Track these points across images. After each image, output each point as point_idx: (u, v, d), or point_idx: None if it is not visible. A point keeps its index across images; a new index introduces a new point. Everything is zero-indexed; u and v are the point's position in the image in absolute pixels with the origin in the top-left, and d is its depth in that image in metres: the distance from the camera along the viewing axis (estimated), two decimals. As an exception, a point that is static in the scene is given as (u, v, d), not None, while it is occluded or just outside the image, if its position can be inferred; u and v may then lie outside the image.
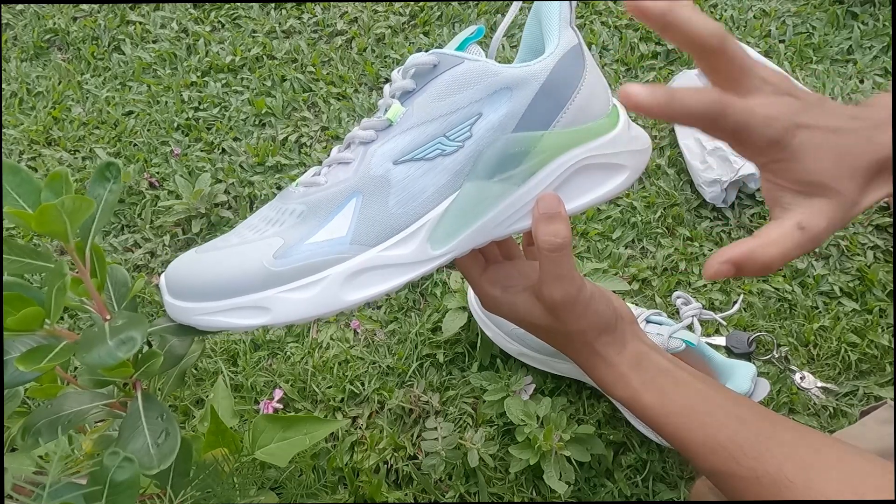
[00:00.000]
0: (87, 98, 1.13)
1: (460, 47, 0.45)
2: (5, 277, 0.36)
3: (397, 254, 0.44)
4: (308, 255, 0.43)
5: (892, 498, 0.40)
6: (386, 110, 0.45)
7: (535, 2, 0.47)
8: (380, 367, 0.86)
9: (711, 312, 0.74)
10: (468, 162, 0.44)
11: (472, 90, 0.43)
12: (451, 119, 0.44)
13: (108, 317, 0.41)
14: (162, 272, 0.46)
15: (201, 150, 1.06)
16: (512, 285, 0.51)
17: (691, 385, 0.49)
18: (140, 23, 1.21)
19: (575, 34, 0.45)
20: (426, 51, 0.46)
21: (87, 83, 1.15)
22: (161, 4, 1.23)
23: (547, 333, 0.52)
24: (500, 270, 0.52)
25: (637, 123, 0.51)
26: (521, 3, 0.46)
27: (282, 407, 0.82)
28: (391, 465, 0.80)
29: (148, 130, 1.08)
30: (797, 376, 0.83)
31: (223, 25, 1.20)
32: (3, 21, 1.23)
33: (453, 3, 1.18)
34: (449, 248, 0.46)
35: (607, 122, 0.47)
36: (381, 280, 0.44)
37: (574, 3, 0.45)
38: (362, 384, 0.85)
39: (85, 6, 1.24)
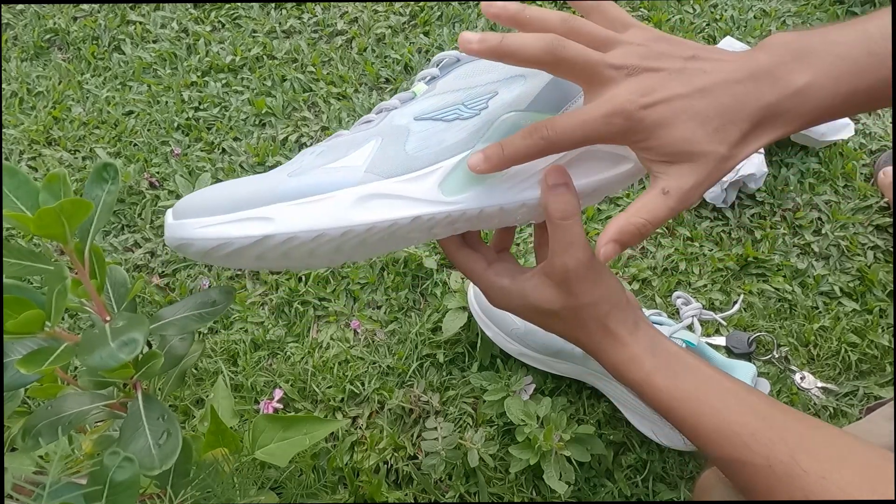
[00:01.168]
0: (87, 98, 1.13)
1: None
2: (5, 280, 0.36)
3: (409, 187, 0.45)
4: (321, 176, 0.44)
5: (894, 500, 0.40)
6: (411, 88, 0.50)
7: None
8: (380, 367, 0.86)
9: (711, 312, 0.74)
10: (483, 127, 0.47)
11: (490, 74, 0.47)
12: (470, 92, 0.47)
13: (107, 318, 0.41)
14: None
15: (201, 150, 1.06)
16: (520, 275, 0.51)
17: (704, 371, 0.48)
18: (140, 23, 1.21)
19: None
20: (427, 51, 0.48)
21: (87, 83, 1.15)
22: (161, 4, 1.23)
23: (557, 318, 0.51)
24: (506, 263, 0.53)
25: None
26: None
27: (282, 407, 0.83)
28: (391, 465, 0.80)
29: (148, 130, 1.08)
30: (797, 376, 0.83)
31: (223, 25, 1.20)
32: (4, 21, 1.23)
33: (453, 2, 1.18)
34: (458, 199, 0.47)
35: None
36: (388, 208, 0.45)
37: None
38: (362, 384, 0.85)
39: (85, 6, 1.24)
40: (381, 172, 0.45)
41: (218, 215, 0.42)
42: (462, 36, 0.42)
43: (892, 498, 0.40)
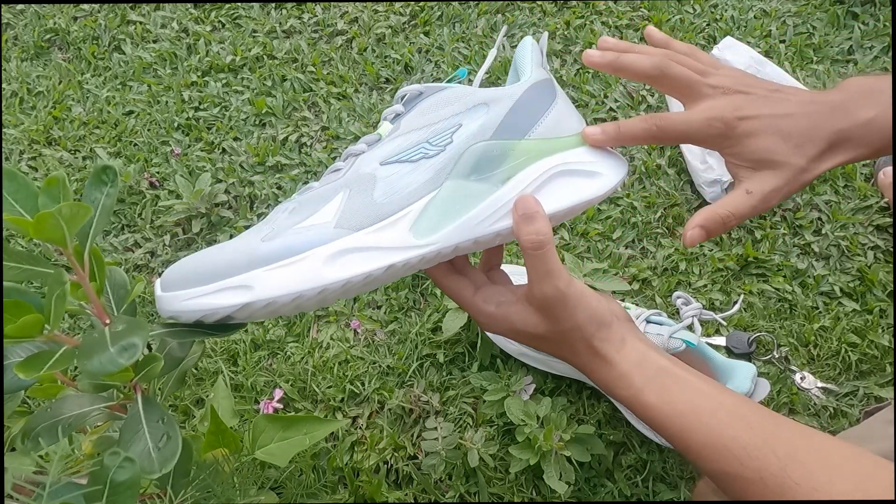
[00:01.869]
0: (87, 98, 1.13)
1: (447, 83, 0.51)
2: (4, 284, 0.36)
3: (379, 237, 0.46)
4: (293, 238, 0.45)
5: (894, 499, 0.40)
6: (377, 130, 0.50)
7: (517, 48, 0.54)
8: (380, 367, 0.86)
9: (711, 312, 0.74)
10: (449, 163, 0.48)
11: (453, 106, 0.49)
12: (434, 128, 0.48)
13: (107, 321, 0.41)
14: (162, 272, 0.47)
15: (201, 150, 1.06)
16: (505, 300, 0.52)
17: (693, 385, 0.48)
18: (140, 22, 1.21)
19: (546, 73, 0.52)
20: (427, 51, 0.48)
21: (87, 83, 1.15)
22: (161, 4, 1.23)
23: (545, 341, 0.52)
24: (491, 289, 0.53)
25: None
26: (495, 52, 0.53)
27: (282, 407, 0.83)
28: (391, 465, 0.80)
29: (148, 130, 1.08)
30: (797, 376, 0.83)
31: (223, 25, 1.20)
32: (4, 21, 1.23)
33: (453, 3, 1.18)
34: (432, 240, 0.48)
35: (577, 139, 0.52)
36: (362, 261, 0.46)
37: (542, 48, 0.52)
38: (362, 384, 0.85)
39: (85, 6, 1.24)
40: (350, 226, 0.46)
41: (201, 286, 0.44)
42: (586, 53, 0.51)
43: None
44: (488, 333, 0.82)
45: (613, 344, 0.50)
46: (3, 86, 1.15)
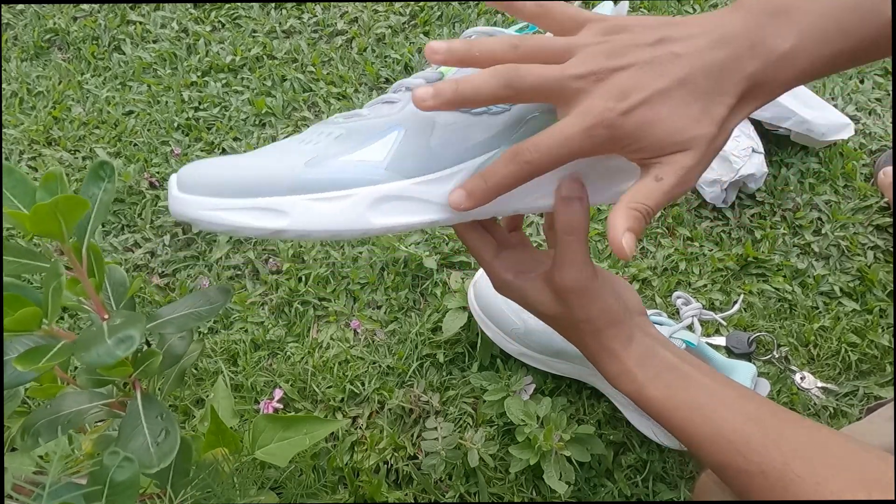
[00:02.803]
0: (87, 98, 1.13)
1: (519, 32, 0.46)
2: (3, 278, 0.36)
3: (429, 191, 0.43)
4: (340, 169, 0.42)
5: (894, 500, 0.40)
6: (437, 68, 0.45)
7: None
8: (380, 367, 0.86)
9: (711, 312, 0.74)
10: (511, 126, 0.44)
11: None
12: None
13: (106, 316, 0.41)
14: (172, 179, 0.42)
15: (201, 150, 1.06)
16: (524, 271, 0.51)
17: (698, 380, 0.48)
18: (140, 23, 1.21)
19: None
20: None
21: (87, 83, 1.15)
22: (161, 4, 1.23)
23: (554, 321, 0.51)
24: (512, 255, 0.52)
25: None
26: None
27: (282, 407, 0.82)
28: (391, 465, 0.80)
29: (148, 130, 1.08)
30: (797, 376, 0.82)
31: (223, 25, 1.20)
32: (4, 21, 1.23)
33: (453, 2, 1.18)
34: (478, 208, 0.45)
35: None
36: (407, 212, 0.43)
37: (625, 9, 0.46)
38: (362, 384, 0.85)
39: (85, 6, 1.25)
40: (402, 171, 0.42)
41: (227, 198, 0.40)
42: (413, 97, 0.41)
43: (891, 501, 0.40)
44: (488, 334, 0.82)
45: (621, 340, 0.50)
46: (3, 86, 1.15)
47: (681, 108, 0.39)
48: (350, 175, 0.41)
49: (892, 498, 0.40)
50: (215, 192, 0.40)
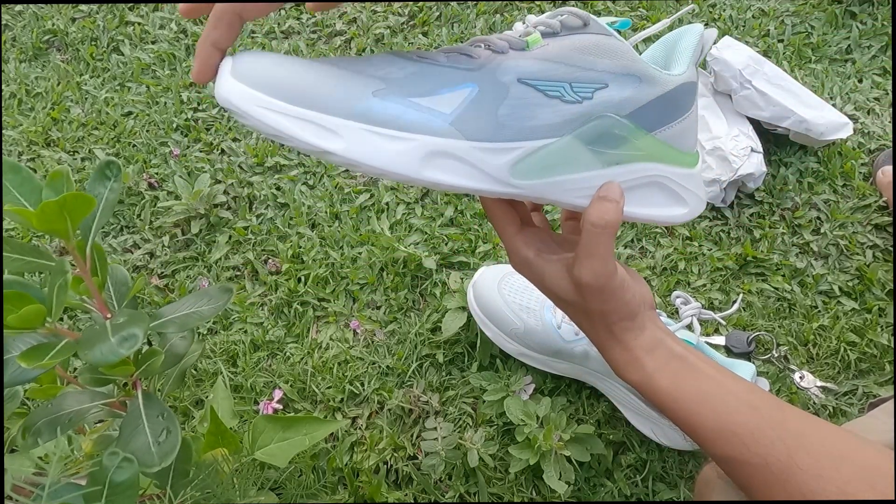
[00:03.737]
0: (85, 99, 1.13)
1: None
2: (5, 275, 0.36)
3: (484, 159, 0.43)
4: (407, 110, 0.41)
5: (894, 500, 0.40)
6: (522, 37, 0.44)
7: (678, 29, 0.50)
8: (379, 367, 0.86)
9: (711, 312, 0.74)
10: (580, 119, 0.44)
11: (609, 61, 0.44)
12: (581, 74, 0.44)
13: (108, 315, 0.41)
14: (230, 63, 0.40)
15: (200, 151, 1.06)
16: (545, 251, 0.51)
17: (704, 371, 0.49)
18: (139, 23, 1.21)
19: (696, 72, 0.48)
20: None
21: (85, 84, 1.15)
22: (160, 5, 1.23)
23: (568, 306, 0.51)
24: (537, 234, 0.52)
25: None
26: (668, 22, 0.48)
27: (281, 407, 0.82)
28: (391, 466, 0.80)
29: (147, 131, 1.08)
30: (797, 375, 0.83)
31: (222, 26, 1.20)
32: (2, 22, 1.23)
33: (452, 3, 1.18)
34: (522, 185, 0.45)
35: (692, 158, 0.50)
36: (458, 174, 0.43)
37: (707, 46, 0.48)
38: (362, 384, 0.85)
39: (84, 7, 1.24)
40: (464, 130, 0.42)
41: (284, 102, 0.39)
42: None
43: (892, 497, 0.40)
44: (488, 334, 0.82)
45: (633, 331, 0.50)
46: (2, 87, 1.15)
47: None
48: (415, 119, 0.41)
49: (892, 491, 0.40)
50: (272, 91, 0.39)
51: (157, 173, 1.04)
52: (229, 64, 0.40)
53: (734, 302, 0.78)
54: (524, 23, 0.46)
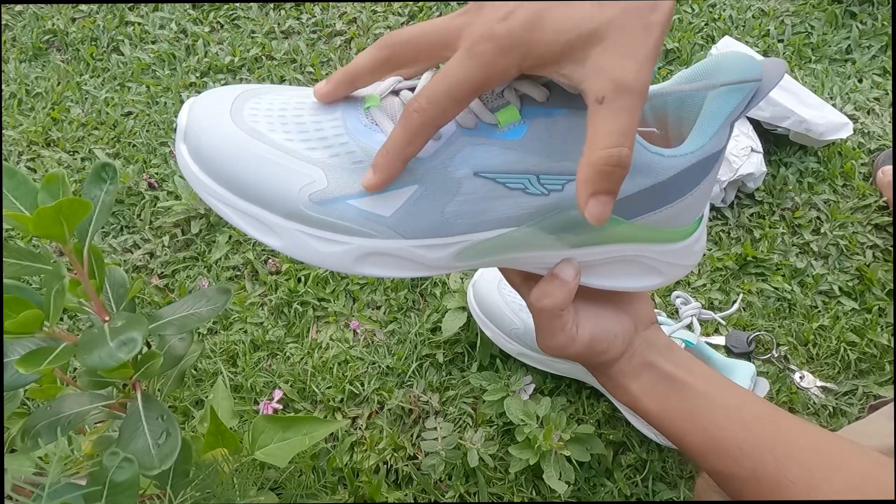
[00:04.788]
0: (86, 99, 1.13)
1: None
2: (4, 280, 0.36)
3: (425, 255, 0.41)
4: (343, 215, 0.39)
5: (894, 499, 0.40)
6: (500, 105, 0.38)
7: (726, 58, 0.40)
8: (379, 367, 0.86)
9: (711, 312, 0.74)
10: (543, 211, 0.40)
11: None
12: (553, 165, 0.38)
13: (106, 318, 0.41)
14: (190, 104, 0.40)
15: (200, 151, 1.06)
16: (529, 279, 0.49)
17: (694, 389, 0.48)
18: (139, 23, 1.21)
19: (728, 134, 0.40)
20: None
21: (85, 84, 1.15)
22: (160, 5, 1.23)
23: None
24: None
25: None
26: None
27: (281, 407, 0.82)
28: (391, 466, 0.80)
29: (147, 131, 1.08)
30: (796, 376, 0.83)
31: (222, 26, 1.20)
32: (3, 22, 1.23)
33: (452, 3, 1.18)
34: (472, 264, 0.43)
35: (683, 231, 0.45)
36: (396, 267, 0.41)
37: (768, 89, 0.39)
38: (362, 384, 0.85)
39: (84, 7, 1.24)
40: (404, 231, 0.40)
41: (231, 193, 0.39)
42: (315, 89, 0.39)
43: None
44: (488, 334, 0.82)
45: (617, 366, 0.49)
46: (2, 87, 1.15)
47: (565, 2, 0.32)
48: (351, 222, 0.39)
49: (886, 500, 0.40)
50: (222, 180, 0.39)
51: (157, 173, 1.04)
52: (182, 144, 0.40)
53: (734, 302, 0.78)
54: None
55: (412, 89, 0.40)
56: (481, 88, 0.34)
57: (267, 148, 0.39)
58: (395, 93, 0.41)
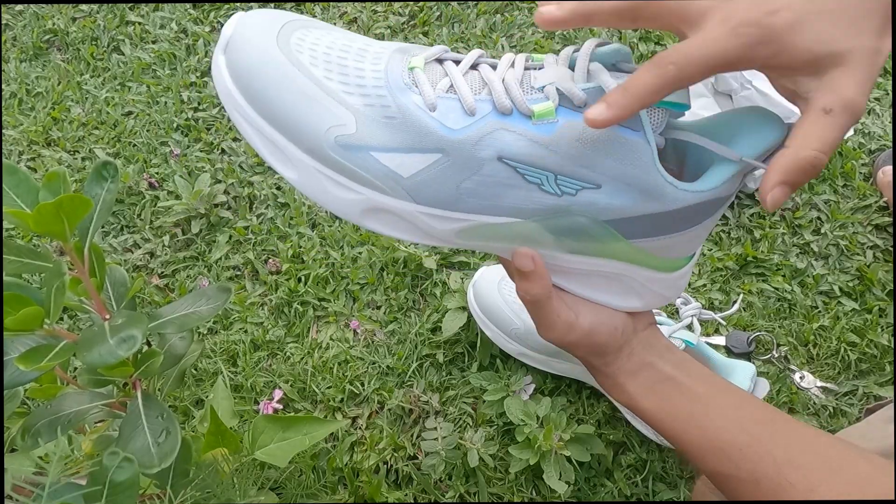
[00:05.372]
0: (86, 98, 1.13)
1: (658, 104, 0.39)
2: (4, 277, 0.36)
3: (431, 223, 0.42)
4: (364, 165, 0.40)
5: (894, 500, 0.40)
6: (538, 99, 0.39)
7: (753, 113, 0.43)
8: (379, 367, 0.86)
9: (711, 312, 0.74)
10: (550, 209, 0.41)
11: (617, 165, 0.39)
12: (573, 169, 0.39)
13: (107, 316, 0.41)
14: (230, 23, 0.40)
15: (201, 151, 1.06)
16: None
17: (693, 390, 0.48)
18: (139, 23, 1.21)
19: (738, 184, 0.42)
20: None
21: (86, 84, 1.15)
22: (160, 5, 1.23)
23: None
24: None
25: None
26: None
27: (281, 407, 0.82)
28: (391, 466, 0.80)
29: (147, 131, 1.08)
30: (797, 376, 0.83)
31: (222, 26, 1.20)
32: (3, 22, 1.23)
33: (452, 3, 1.18)
34: (471, 245, 0.44)
35: (673, 263, 0.47)
36: (398, 228, 0.42)
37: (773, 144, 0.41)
38: (362, 384, 0.85)
39: (84, 7, 1.24)
40: (416, 196, 0.40)
41: (258, 115, 0.40)
42: (536, 15, 0.38)
43: None
44: (488, 334, 0.82)
45: (615, 363, 0.49)
46: (3, 86, 1.15)
47: (826, 17, 0.35)
48: (369, 174, 0.40)
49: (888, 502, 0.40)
50: (252, 99, 0.39)
51: (157, 173, 1.04)
52: (223, 65, 0.40)
53: (734, 302, 0.78)
54: (556, 62, 0.40)
55: (457, 62, 0.41)
56: (731, 67, 0.36)
57: (305, 81, 0.39)
58: (440, 61, 0.41)
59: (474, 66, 0.41)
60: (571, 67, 0.40)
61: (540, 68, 0.40)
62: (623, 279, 0.46)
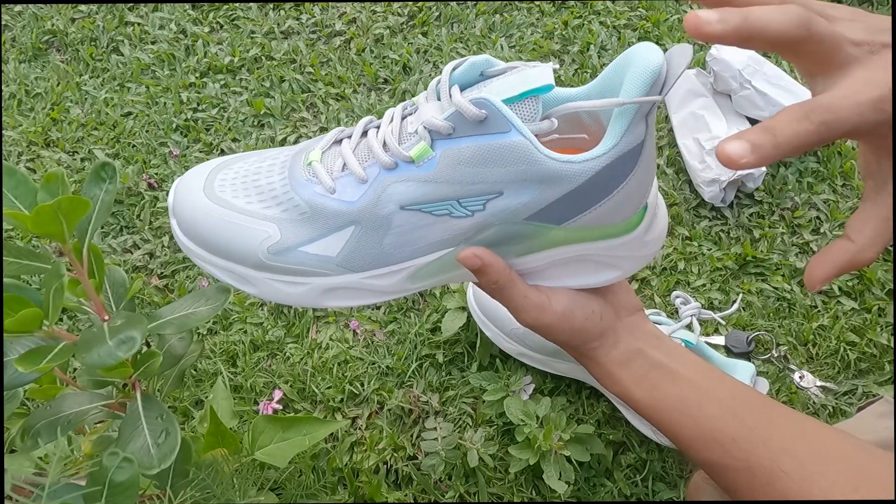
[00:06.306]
0: (85, 99, 1.13)
1: (520, 96, 0.39)
2: (3, 279, 0.36)
3: (378, 283, 0.47)
4: (298, 261, 0.45)
5: (892, 488, 0.40)
6: (413, 142, 0.42)
7: (631, 54, 0.41)
8: (379, 367, 0.86)
9: (710, 312, 0.74)
10: (473, 230, 0.44)
11: (504, 170, 0.40)
12: (469, 188, 0.41)
13: (106, 317, 0.41)
14: (176, 182, 0.49)
15: (200, 151, 1.06)
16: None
17: (686, 378, 0.48)
18: (138, 24, 1.21)
19: (645, 128, 0.41)
20: (426, 51, 0.46)
21: (85, 84, 1.15)
22: (159, 5, 1.23)
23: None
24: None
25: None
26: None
27: (281, 408, 0.82)
28: (391, 466, 0.80)
29: (146, 131, 1.08)
30: (796, 375, 0.83)
31: (221, 26, 1.20)
32: (2, 22, 1.23)
33: (451, 3, 1.18)
34: (426, 284, 0.48)
35: (625, 225, 0.46)
36: (356, 297, 0.48)
37: (673, 75, 0.39)
38: (362, 385, 0.85)
39: (83, 7, 1.24)
40: (352, 267, 0.46)
41: (210, 253, 0.47)
42: (690, 18, 0.33)
43: (877, 498, 0.40)
44: (487, 334, 0.82)
45: (604, 347, 0.50)
46: (2, 87, 1.15)
47: None
48: (306, 266, 0.45)
49: (877, 492, 0.40)
50: (202, 245, 0.47)
51: (156, 174, 1.04)
52: (175, 222, 0.48)
53: (734, 302, 0.78)
54: (426, 99, 0.43)
55: (350, 137, 0.46)
56: (858, 137, 0.36)
57: (231, 213, 0.45)
58: (339, 142, 0.47)
59: (365, 134, 0.45)
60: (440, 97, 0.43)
61: (415, 111, 0.43)
62: (586, 258, 0.48)
